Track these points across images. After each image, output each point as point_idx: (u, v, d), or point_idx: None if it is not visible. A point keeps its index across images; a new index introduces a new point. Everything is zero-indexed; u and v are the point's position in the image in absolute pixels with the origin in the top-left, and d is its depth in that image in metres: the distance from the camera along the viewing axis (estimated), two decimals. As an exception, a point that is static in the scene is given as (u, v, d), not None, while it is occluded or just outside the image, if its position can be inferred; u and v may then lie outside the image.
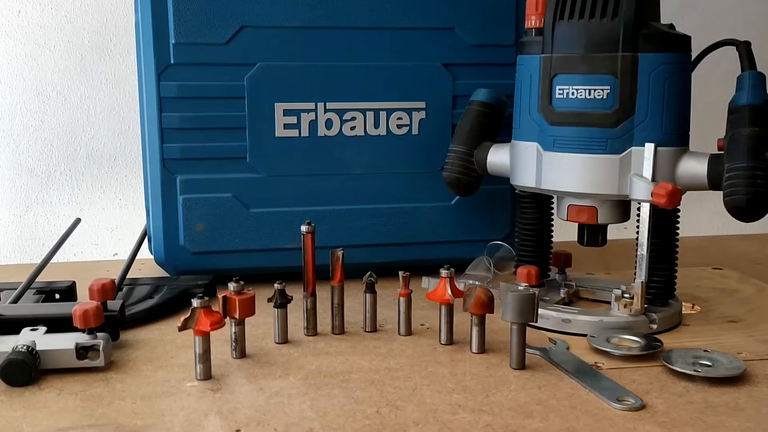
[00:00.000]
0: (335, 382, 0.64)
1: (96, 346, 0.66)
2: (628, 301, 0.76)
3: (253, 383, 0.64)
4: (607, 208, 0.79)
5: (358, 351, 0.72)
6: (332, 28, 0.90)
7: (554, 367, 0.67)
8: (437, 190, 0.96)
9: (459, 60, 0.94)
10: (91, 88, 1.22)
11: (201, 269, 0.91)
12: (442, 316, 0.74)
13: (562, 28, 0.77)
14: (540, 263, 0.86)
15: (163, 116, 0.88)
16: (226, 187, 0.91)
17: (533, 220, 0.86)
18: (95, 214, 1.26)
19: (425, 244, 0.97)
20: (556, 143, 0.78)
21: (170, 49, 0.87)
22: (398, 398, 0.60)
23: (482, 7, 0.93)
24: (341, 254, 0.77)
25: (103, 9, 1.20)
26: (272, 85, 0.90)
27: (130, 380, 0.64)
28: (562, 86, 0.77)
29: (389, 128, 0.94)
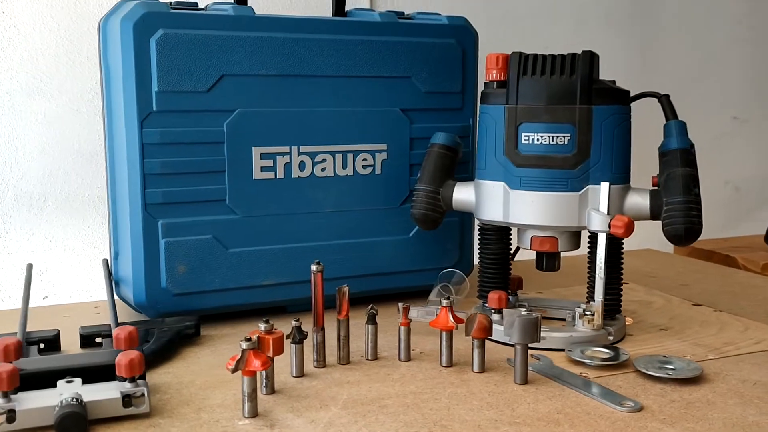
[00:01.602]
0: (374, 408, 0.70)
1: (141, 393, 0.68)
2: (590, 317, 0.89)
3: (301, 416, 0.69)
4: (566, 238, 0.91)
5: (374, 379, 0.78)
6: (304, 76, 0.96)
7: (550, 380, 0.78)
8: (397, 224, 1.05)
9: (415, 105, 1.03)
10: (20, 129, 1.19)
11: (182, 310, 0.94)
12: (443, 341, 0.82)
13: (526, 83, 0.89)
14: (502, 288, 0.97)
15: (146, 162, 0.90)
16: (206, 229, 0.94)
17: (496, 250, 0.97)
18: (24, 258, 1.21)
19: (387, 275, 1.05)
20: (522, 183, 0.90)
21: (153, 96, 0.89)
22: (440, 418, 0.68)
23: (433, 59, 1.03)
24: (347, 290, 0.83)
25: (33, 47, 1.18)
26: (250, 130, 0.94)
27: (180, 424, 0.67)
28: (528, 133, 0.89)
29: (355, 168, 1.01)
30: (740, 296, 1.13)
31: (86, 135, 1.22)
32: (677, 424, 0.67)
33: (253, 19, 0.93)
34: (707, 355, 0.85)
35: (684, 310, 1.04)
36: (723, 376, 0.78)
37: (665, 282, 1.21)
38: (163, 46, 0.88)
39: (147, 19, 0.87)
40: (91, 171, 1.23)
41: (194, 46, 0.90)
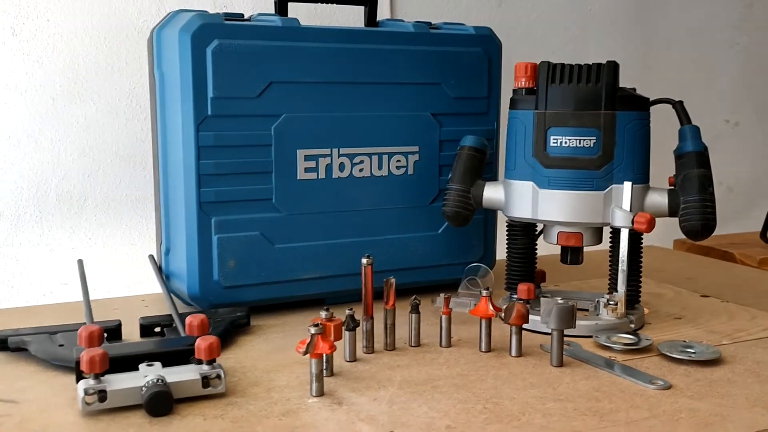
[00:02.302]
0: (428, 388, 0.77)
1: (217, 374, 0.75)
2: (613, 306, 0.96)
3: (363, 395, 0.76)
4: (590, 234, 0.99)
5: (421, 363, 0.85)
6: (344, 83, 1.03)
7: (583, 363, 0.85)
8: (426, 222, 1.12)
9: (444, 110, 1.10)
10: (61, 132, 1.24)
11: (231, 302, 1.00)
12: (483, 328, 0.89)
13: (554, 91, 0.96)
14: (528, 280, 1.04)
15: (201, 163, 0.96)
16: (254, 226, 1.00)
17: (523, 245, 1.04)
18: (64, 255, 1.27)
19: (416, 269, 1.12)
20: (551, 182, 0.97)
21: (208, 102, 0.95)
22: (490, 396, 0.75)
23: (462, 67, 1.10)
24: (394, 281, 0.90)
25: (74, 54, 1.23)
26: (295, 133, 1.01)
27: (255, 402, 0.74)
28: (556, 137, 0.96)
29: (390, 169, 1.08)
30: (742, 288, 1.21)
31: (124, 138, 1.28)
32: (705, 399, 0.74)
33: (299, 30, 1.00)
34: (721, 341, 0.93)
35: (693, 301, 1.12)
36: (739, 358, 0.86)
37: (671, 276, 1.29)
38: (218, 56, 0.95)
39: (204, 30, 0.94)
40: (128, 172, 1.29)
41: (246, 55, 0.96)
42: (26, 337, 0.87)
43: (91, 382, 0.70)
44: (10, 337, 0.87)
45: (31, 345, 0.85)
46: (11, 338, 0.86)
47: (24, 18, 1.20)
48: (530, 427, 0.68)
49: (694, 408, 0.72)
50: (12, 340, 0.86)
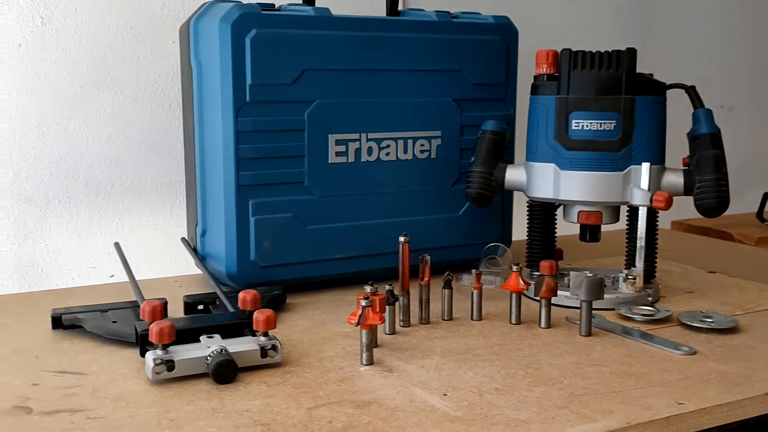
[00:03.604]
0: (470, 357, 0.82)
1: (274, 345, 0.79)
2: (632, 281, 1.02)
3: (410, 363, 0.80)
4: (609, 212, 1.04)
5: (457, 334, 0.90)
6: (372, 70, 1.07)
7: (609, 333, 0.90)
8: (448, 204, 1.16)
9: (465, 96, 1.15)
10: (89, 119, 1.27)
11: (266, 281, 1.04)
12: (513, 301, 0.94)
13: (576, 76, 1.01)
14: (548, 258, 1.09)
15: (240, 148, 1.00)
16: (287, 208, 1.05)
17: (543, 224, 1.09)
18: (92, 239, 1.30)
19: (438, 249, 1.16)
20: (572, 164, 1.02)
21: (247, 89, 0.99)
22: (529, 363, 0.80)
23: (481, 54, 1.15)
24: (429, 259, 0.95)
25: (101, 43, 1.26)
26: (327, 119, 1.05)
27: (311, 370, 0.78)
28: (578, 120, 1.01)
29: (414, 153, 1.12)
30: (744, 265, 1.27)
31: (149, 125, 1.32)
32: (730, 363, 0.80)
33: (331, 19, 1.04)
34: (735, 311, 0.99)
35: (702, 277, 1.18)
36: (755, 326, 0.92)
37: (676, 254, 1.35)
38: (256, 44, 0.98)
39: (243, 20, 0.98)
40: (153, 159, 1.32)
41: (282, 44, 1.00)
42: (79, 315, 0.90)
43: (159, 353, 0.75)
44: (64, 315, 0.90)
45: (85, 322, 0.89)
46: (65, 316, 0.90)
47: (53, 8, 1.23)
48: (573, 388, 0.74)
49: (721, 371, 0.78)
50: (66, 317, 0.90)
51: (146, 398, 0.71)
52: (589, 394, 0.72)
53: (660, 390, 0.73)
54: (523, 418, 0.67)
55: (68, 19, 1.24)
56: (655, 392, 0.73)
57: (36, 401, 0.70)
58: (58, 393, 0.72)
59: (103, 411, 0.68)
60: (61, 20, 1.24)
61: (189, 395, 0.72)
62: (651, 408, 0.69)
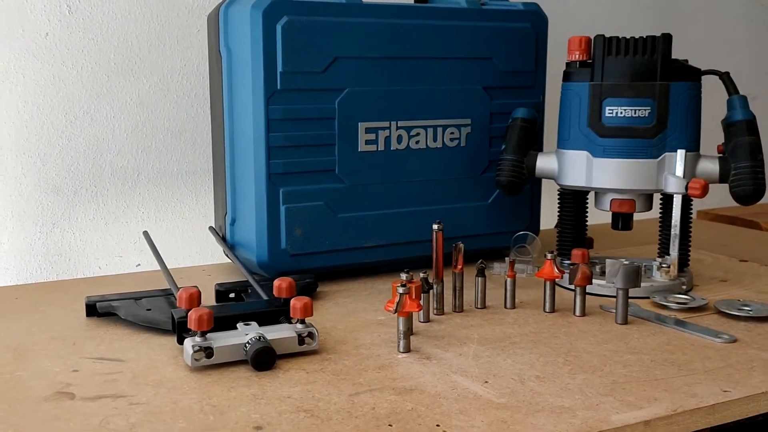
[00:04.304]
0: (507, 344, 0.82)
1: (311, 333, 0.79)
2: (666, 269, 1.01)
3: (448, 351, 0.80)
4: (642, 200, 1.03)
5: (491, 322, 0.90)
6: (402, 58, 1.07)
7: (646, 321, 0.90)
8: (477, 192, 1.16)
9: (494, 84, 1.14)
10: (116, 108, 1.27)
11: (296, 269, 1.04)
12: (547, 289, 0.94)
13: (610, 63, 1.00)
14: (580, 246, 1.08)
15: (270, 136, 1.00)
16: (318, 196, 1.04)
17: (574, 212, 1.08)
18: (119, 228, 1.31)
19: (467, 237, 1.15)
20: (606, 151, 1.01)
21: (278, 77, 0.99)
22: (567, 350, 0.80)
23: (511, 42, 1.14)
24: (462, 246, 0.94)
25: (128, 31, 1.26)
26: (357, 107, 1.04)
27: (348, 357, 0.78)
28: (612, 107, 1.00)
29: (444, 141, 1.12)
30: (776, 254, 1.26)
31: (174, 114, 1.31)
32: (770, 350, 0.79)
33: (362, 6, 1.03)
34: (771, 300, 0.98)
35: (734, 265, 1.17)
36: (793, 314, 0.91)
37: (705, 243, 1.33)
38: (287, 31, 0.98)
39: (274, 7, 0.97)
40: (179, 147, 1.32)
41: (313, 31, 1.00)
42: (114, 303, 0.90)
43: (198, 340, 0.74)
44: (98, 303, 0.90)
45: (120, 310, 0.89)
46: (99, 304, 0.90)
47: (80, -4, 1.23)
48: (614, 376, 0.73)
49: (764, 358, 0.77)
50: (101, 305, 0.90)
51: (186, 384, 0.71)
52: (631, 382, 0.72)
53: (703, 378, 0.72)
54: (567, 405, 0.66)
55: (95, 8, 1.24)
56: (699, 380, 0.72)
57: (78, 387, 0.70)
58: (99, 379, 0.72)
59: (145, 397, 0.68)
60: (87, 9, 1.24)
61: (229, 382, 0.72)
62: (696, 396, 0.68)
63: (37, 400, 0.68)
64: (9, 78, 1.21)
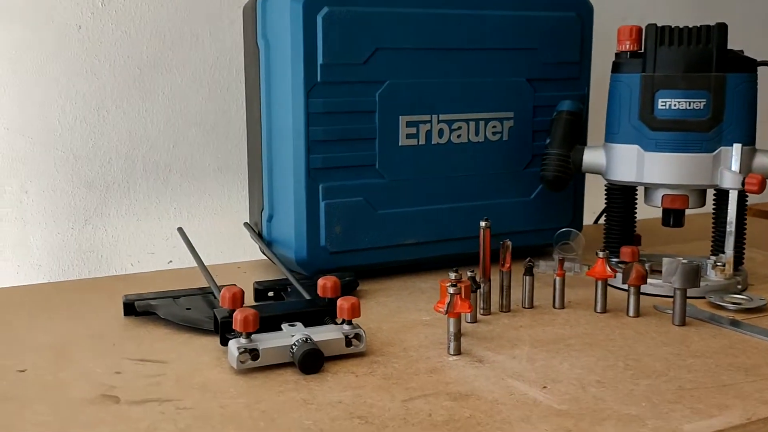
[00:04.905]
0: (562, 347, 0.78)
1: (358, 334, 0.76)
2: (721, 267, 0.97)
3: (500, 354, 0.77)
4: (695, 196, 0.99)
5: (542, 323, 0.86)
6: (444, 49, 1.03)
7: (703, 322, 0.86)
8: (520, 187, 1.12)
9: (538, 75, 1.10)
10: (148, 102, 1.25)
11: (335, 267, 1.01)
12: (599, 289, 0.90)
13: (663, 53, 0.96)
14: (628, 243, 1.05)
15: (310, 130, 0.97)
16: (358, 192, 1.01)
17: (623, 208, 1.05)
18: (150, 224, 1.28)
19: (509, 234, 1.12)
20: (658, 145, 0.97)
21: (318, 69, 0.96)
22: (626, 354, 0.76)
23: (556, 31, 1.10)
24: (510, 244, 0.91)
25: (160, 24, 1.24)
26: (398, 100, 1.01)
27: (397, 360, 0.75)
28: (665, 99, 0.96)
29: (486, 135, 1.08)
30: (828, 251, 1.22)
31: (207, 107, 1.29)
32: (840, 354, 0.75)
33: (403, -5, 1.00)
34: (832, 300, 0.94)
35: (787, 264, 1.13)
36: None
37: (753, 240, 1.29)
38: (328, 22, 0.95)
39: (315, -4, 0.94)
40: (211, 142, 1.30)
41: (354, 22, 0.96)
42: (152, 302, 0.88)
43: (243, 341, 0.72)
44: (137, 302, 0.88)
45: (159, 309, 0.86)
46: (138, 302, 0.88)
47: (112, -12, 1.21)
48: (680, 381, 0.69)
49: (836, 362, 0.73)
50: (139, 304, 0.88)
51: (233, 388, 0.68)
52: (699, 388, 0.68)
53: (775, 384, 0.69)
54: (634, 413, 0.63)
55: (127, 1, 1.22)
56: (769, 386, 0.68)
57: (122, 390, 0.68)
58: (143, 382, 0.70)
59: (191, 401, 0.66)
60: (120, 1, 1.21)
61: (276, 385, 0.69)
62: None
63: (81, 402, 0.65)
64: (41, 72, 1.19)
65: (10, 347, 0.79)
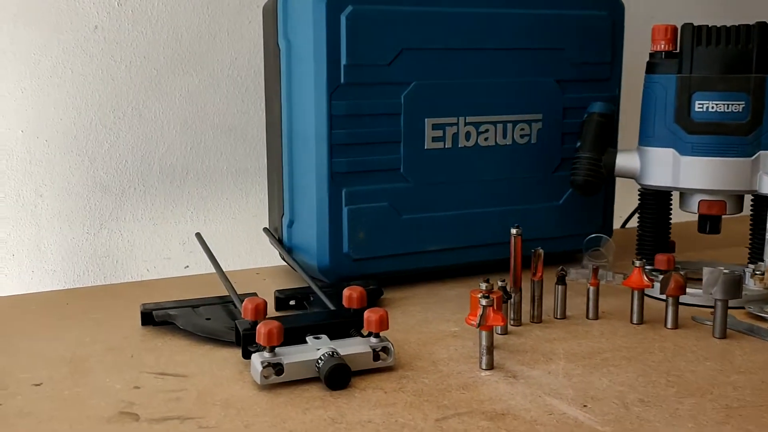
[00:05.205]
0: (598, 361, 0.75)
1: (386, 348, 0.73)
2: (760, 276, 0.93)
3: (534, 368, 0.73)
4: (732, 202, 0.95)
5: (576, 335, 0.83)
6: (471, 49, 1.00)
7: (744, 334, 0.82)
8: (548, 192, 1.08)
9: (567, 76, 1.07)
10: (164, 104, 1.22)
11: (358, 275, 0.98)
12: (635, 300, 0.87)
13: (700, 53, 0.92)
14: (662, 250, 1.01)
15: (333, 133, 0.94)
16: (382, 196, 0.98)
17: (657, 214, 1.01)
18: (167, 229, 1.26)
19: (537, 240, 1.08)
20: (694, 149, 0.94)
21: (341, 70, 0.93)
22: (667, 370, 0.73)
23: (586, 31, 1.06)
24: (542, 252, 0.88)
25: (177, 24, 1.21)
26: (424, 101, 0.98)
27: (427, 375, 0.72)
28: (702, 101, 0.92)
29: (514, 138, 1.05)
30: None
31: (224, 109, 1.26)
32: None
33: (430, -6, 0.97)
34: None
35: (824, 272, 1.09)
36: None
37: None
38: (352, 21, 0.92)
39: (339, -6, 0.91)
40: (229, 144, 1.27)
41: (378, 21, 0.93)
42: (171, 311, 0.85)
43: (267, 355, 0.69)
44: (155, 311, 0.85)
45: (178, 319, 0.83)
46: (156, 312, 0.85)
47: (129, -12, 1.18)
48: (726, 400, 0.66)
49: None
50: (157, 313, 0.85)
51: (257, 405, 0.65)
52: (746, 407, 0.64)
53: (829, 403, 0.65)
54: (683, 435, 0.60)
55: (144, 0, 1.19)
56: (823, 406, 0.65)
57: (141, 407, 0.65)
58: (163, 397, 0.67)
59: (214, 419, 0.63)
60: (137, 1, 1.19)
61: (302, 402, 0.66)
62: (825, 425, 0.61)
63: (99, 420, 0.63)
64: (57, 73, 1.16)
65: (26, 359, 0.76)
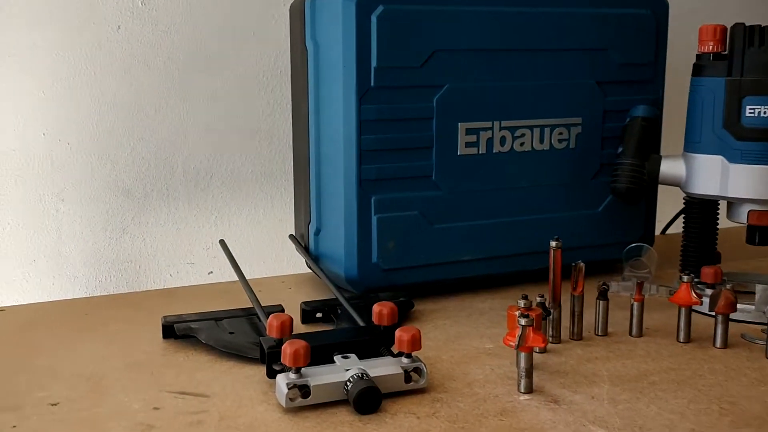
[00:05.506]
0: (645, 385, 0.70)
1: (418, 368, 0.69)
2: (812, 291, 0.87)
3: (577, 393, 0.69)
4: (785, 212, 0.90)
5: (620, 355, 0.78)
6: (507, 50, 0.95)
7: (802, 356, 0.77)
8: (587, 199, 1.04)
9: (608, 78, 1.02)
10: (188, 105, 1.19)
11: (387, 285, 0.94)
12: (682, 317, 0.82)
13: (752, 55, 0.87)
14: (708, 262, 0.96)
15: (362, 138, 0.90)
16: (413, 204, 0.94)
17: (704, 224, 0.96)
18: (190, 234, 1.23)
19: (575, 249, 1.04)
20: (744, 156, 0.88)
21: (371, 73, 0.89)
22: (720, 395, 0.68)
23: (628, 30, 1.01)
24: (582, 266, 0.83)
25: (200, 25, 1.17)
26: (457, 105, 0.94)
27: (462, 399, 0.67)
28: (753, 106, 0.87)
29: (551, 143, 1.00)
30: None
31: (249, 112, 1.23)
32: None
33: (464, -8, 0.92)
34: None
35: None
36: None
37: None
38: (383, 22, 0.87)
39: (369, -6, 0.87)
40: (253, 148, 1.24)
41: (410, 22, 0.89)
42: (193, 325, 0.82)
43: (293, 376, 0.65)
44: (176, 324, 0.82)
45: (200, 333, 0.80)
46: (177, 325, 0.82)
47: (153, -13, 1.15)
48: (788, 432, 0.61)
49: None
50: (179, 326, 0.81)
51: (282, 430, 0.62)
52: (811, 441, 0.60)
53: None
54: (743, 473, 0.55)
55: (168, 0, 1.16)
56: None
57: (160, 430, 0.61)
58: (183, 420, 0.63)
59: (236, 447, 0.59)
60: (161, 0, 1.15)
61: (330, 428, 0.62)
62: None
63: (115, 446, 0.59)
64: (80, 73, 1.13)
65: (42, 377, 0.73)
